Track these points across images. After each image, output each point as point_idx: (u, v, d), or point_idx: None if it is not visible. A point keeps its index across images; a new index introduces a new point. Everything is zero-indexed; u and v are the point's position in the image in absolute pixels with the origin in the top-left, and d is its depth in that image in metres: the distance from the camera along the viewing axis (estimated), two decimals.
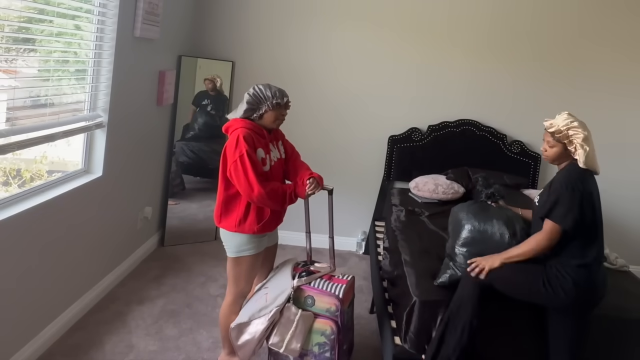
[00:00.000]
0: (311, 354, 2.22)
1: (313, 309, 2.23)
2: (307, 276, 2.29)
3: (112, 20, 2.72)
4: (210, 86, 3.87)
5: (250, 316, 2.18)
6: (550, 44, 3.90)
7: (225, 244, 2.28)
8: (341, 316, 2.20)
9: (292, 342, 2.15)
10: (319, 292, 2.24)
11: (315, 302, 2.23)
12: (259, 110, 2.21)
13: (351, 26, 3.92)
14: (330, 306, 2.21)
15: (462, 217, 2.31)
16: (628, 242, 4.00)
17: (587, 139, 2.03)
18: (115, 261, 3.11)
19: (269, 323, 2.16)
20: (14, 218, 2.10)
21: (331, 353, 2.19)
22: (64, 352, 2.42)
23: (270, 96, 2.20)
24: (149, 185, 3.53)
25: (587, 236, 2.01)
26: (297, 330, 2.15)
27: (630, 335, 2.19)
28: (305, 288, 2.25)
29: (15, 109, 2.21)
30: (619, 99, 3.92)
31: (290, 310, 2.18)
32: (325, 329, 2.19)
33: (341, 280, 2.33)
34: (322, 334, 2.20)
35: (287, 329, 2.16)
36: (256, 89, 2.22)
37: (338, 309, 2.20)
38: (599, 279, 2.02)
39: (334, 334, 2.19)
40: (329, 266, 2.42)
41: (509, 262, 2.06)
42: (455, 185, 3.58)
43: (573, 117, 2.07)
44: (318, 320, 2.21)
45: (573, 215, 1.96)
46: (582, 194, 1.98)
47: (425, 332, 2.14)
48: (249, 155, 2.09)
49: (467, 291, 2.06)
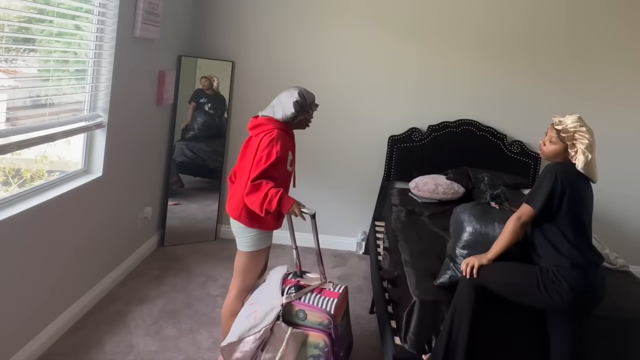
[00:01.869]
0: None
1: (305, 322, 2.15)
2: (296, 291, 2.19)
3: (112, 20, 2.72)
4: (206, 84, 3.86)
5: (240, 335, 2.13)
6: (550, 44, 3.90)
7: (239, 237, 2.29)
8: (335, 330, 2.13)
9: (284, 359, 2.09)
10: (310, 308, 2.15)
11: (307, 316, 2.15)
12: (302, 115, 2.29)
13: (351, 26, 3.92)
14: (322, 320, 2.14)
15: (463, 218, 2.30)
16: (628, 242, 4.00)
17: (590, 146, 2.02)
18: (115, 261, 3.11)
19: (259, 342, 2.10)
20: (14, 218, 2.10)
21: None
22: (64, 352, 2.42)
23: (312, 102, 2.32)
24: (149, 185, 3.53)
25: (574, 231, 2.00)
26: (287, 348, 2.09)
27: (631, 335, 2.19)
28: (295, 303, 2.17)
29: (15, 109, 2.21)
30: (619, 99, 3.92)
31: (281, 328, 2.11)
32: (319, 342, 2.12)
33: (333, 293, 2.22)
34: (316, 347, 2.13)
35: (278, 347, 2.10)
36: (303, 96, 2.28)
37: (331, 322, 2.13)
38: (597, 282, 2.00)
39: (327, 346, 2.12)
40: (319, 277, 2.33)
41: (496, 256, 2.07)
42: (455, 185, 3.58)
43: (583, 122, 2.06)
44: (311, 333, 2.14)
45: (542, 198, 1.99)
46: (560, 183, 1.99)
47: (425, 332, 2.14)
48: (277, 161, 2.16)
49: (464, 295, 2.05)
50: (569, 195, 1.99)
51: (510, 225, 2.07)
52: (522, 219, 2.05)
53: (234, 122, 4.04)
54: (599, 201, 2.58)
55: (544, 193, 2.00)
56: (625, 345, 2.20)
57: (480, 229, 2.22)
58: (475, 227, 2.23)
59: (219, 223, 4.09)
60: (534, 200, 2.04)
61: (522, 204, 2.08)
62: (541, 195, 2.01)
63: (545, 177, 2.04)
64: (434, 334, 2.14)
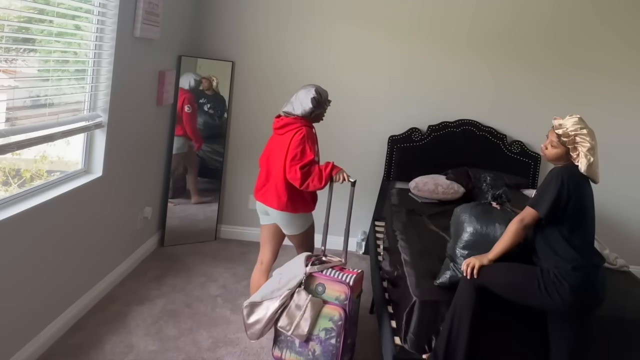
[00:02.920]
0: (317, 339, 2.30)
1: (323, 296, 2.34)
2: (319, 265, 2.42)
3: (112, 20, 2.72)
4: (206, 85, 3.87)
5: (262, 297, 2.35)
6: (550, 45, 3.90)
7: (289, 225, 2.60)
8: (349, 304, 2.30)
9: (300, 326, 2.27)
10: (330, 280, 2.36)
11: (326, 289, 2.35)
12: (318, 110, 2.57)
13: (351, 26, 3.92)
14: (339, 294, 2.32)
15: (464, 219, 2.30)
16: (628, 242, 4.00)
17: (592, 149, 2.00)
18: (115, 261, 3.11)
19: (279, 304, 2.29)
20: (13, 218, 2.09)
21: (336, 340, 2.28)
22: (64, 352, 2.42)
23: (326, 99, 2.61)
24: (149, 185, 3.53)
25: (576, 235, 1.99)
26: (305, 314, 2.27)
27: (631, 335, 2.19)
28: (316, 275, 2.37)
29: (15, 109, 2.21)
30: (619, 99, 3.92)
31: (301, 295, 2.31)
32: (334, 314, 2.29)
33: (352, 272, 2.43)
34: (330, 319, 2.29)
35: (297, 313, 2.28)
36: (319, 92, 2.56)
37: (347, 297, 2.30)
38: (598, 283, 1.99)
39: (341, 320, 2.28)
40: (340, 260, 2.54)
41: (497, 257, 2.07)
42: (455, 185, 3.58)
43: (583, 124, 2.03)
44: (327, 306, 2.31)
45: (548, 202, 1.98)
46: (567, 187, 1.98)
47: (425, 332, 2.14)
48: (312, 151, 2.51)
49: (465, 295, 2.05)
50: (575, 200, 1.99)
51: (513, 227, 2.06)
52: (524, 221, 2.04)
53: (234, 122, 4.04)
54: (599, 201, 2.58)
55: (551, 197, 1.98)
56: (625, 345, 2.20)
57: (481, 229, 2.22)
58: (476, 228, 2.23)
59: (219, 223, 4.09)
60: (539, 205, 2.01)
61: (526, 207, 2.06)
62: (547, 200, 1.99)
63: (551, 182, 2.02)
64: (434, 334, 2.14)
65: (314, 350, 2.31)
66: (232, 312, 2.95)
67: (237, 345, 2.63)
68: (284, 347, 2.39)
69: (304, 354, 2.33)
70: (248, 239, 4.07)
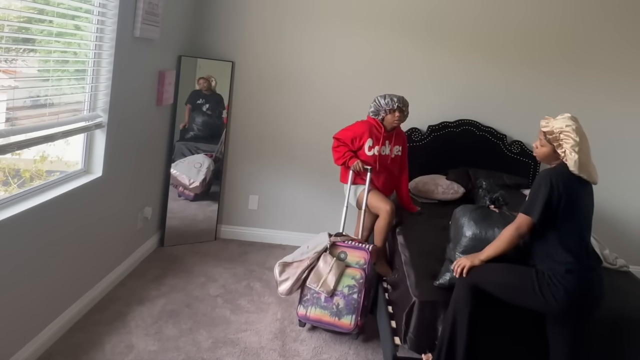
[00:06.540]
0: (341, 294, 2.62)
1: (345, 262, 2.71)
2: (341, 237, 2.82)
3: (112, 21, 2.72)
4: (204, 85, 3.87)
5: (292, 258, 2.75)
6: (550, 44, 3.89)
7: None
8: (368, 267, 2.68)
9: (327, 282, 2.61)
10: (351, 247, 2.74)
11: (348, 256, 2.72)
12: (379, 115, 3.14)
13: (351, 26, 3.92)
14: (360, 259, 2.70)
15: (463, 222, 2.29)
16: (628, 242, 4.00)
17: (577, 145, 1.96)
18: (115, 261, 3.11)
19: (307, 264, 2.68)
20: (13, 218, 2.09)
21: (358, 295, 2.60)
22: (64, 352, 2.42)
23: (384, 105, 3.10)
24: (149, 185, 3.53)
25: (570, 236, 1.98)
26: (332, 271, 2.63)
27: (631, 335, 2.19)
28: (339, 245, 2.75)
29: (15, 109, 2.20)
30: (619, 99, 3.92)
31: (327, 258, 2.69)
32: (356, 274, 2.66)
33: (368, 244, 2.79)
34: (353, 278, 2.65)
35: (323, 272, 2.64)
36: (376, 100, 3.16)
37: (366, 261, 2.68)
38: (594, 285, 1.98)
39: (362, 278, 2.64)
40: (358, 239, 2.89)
41: (488, 259, 2.07)
42: (455, 186, 3.58)
43: (572, 121, 2.01)
44: (349, 269, 2.68)
45: (540, 206, 1.96)
46: (557, 189, 1.96)
47: (425, 333, 2.15)
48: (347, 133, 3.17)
49: (461, 296, 2.05)
50: (566, 200, 1.97)
51: (507, 234, 2.04)
52: (520, 230, 2.02)
53: (234, 122, 4.04)
54: (599, 201, 2.58)
55: (542, 201, 1.96)
56: (625, 345, 2.20)
57: (480, 234, 2.21)
58: (475, 232, 2.22)
59: (219, 223, 4.09)
60: (532, 210, 1.99)
61: (519, 215, 2.04)
62: (539, 204, 1.97)
63: (540, 186, 1.99)
64: (434, 334, 2.14)
65: (338, 304, 2.61)
66: (232, 312, 2.95)
67: (237, 345, 2.63)
68: (308, 305, 2.66)
69: (329, 308, 2.62)
70: (248, 239, 4.07)
